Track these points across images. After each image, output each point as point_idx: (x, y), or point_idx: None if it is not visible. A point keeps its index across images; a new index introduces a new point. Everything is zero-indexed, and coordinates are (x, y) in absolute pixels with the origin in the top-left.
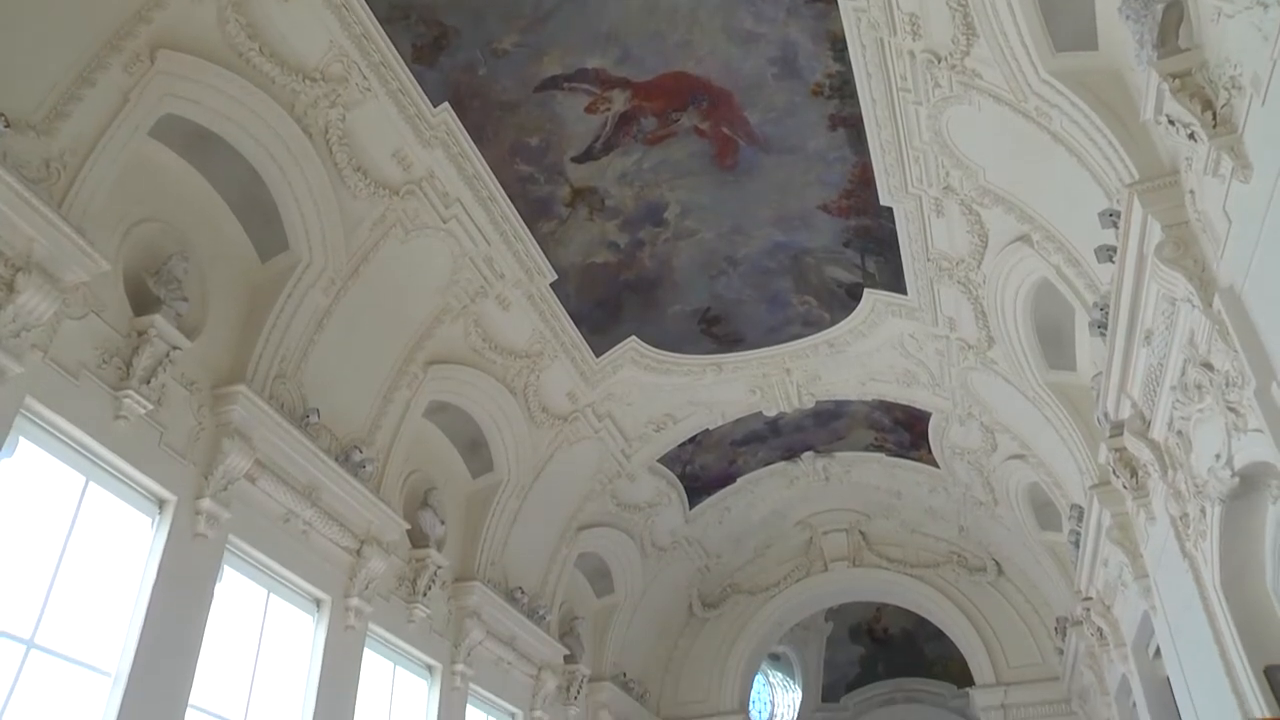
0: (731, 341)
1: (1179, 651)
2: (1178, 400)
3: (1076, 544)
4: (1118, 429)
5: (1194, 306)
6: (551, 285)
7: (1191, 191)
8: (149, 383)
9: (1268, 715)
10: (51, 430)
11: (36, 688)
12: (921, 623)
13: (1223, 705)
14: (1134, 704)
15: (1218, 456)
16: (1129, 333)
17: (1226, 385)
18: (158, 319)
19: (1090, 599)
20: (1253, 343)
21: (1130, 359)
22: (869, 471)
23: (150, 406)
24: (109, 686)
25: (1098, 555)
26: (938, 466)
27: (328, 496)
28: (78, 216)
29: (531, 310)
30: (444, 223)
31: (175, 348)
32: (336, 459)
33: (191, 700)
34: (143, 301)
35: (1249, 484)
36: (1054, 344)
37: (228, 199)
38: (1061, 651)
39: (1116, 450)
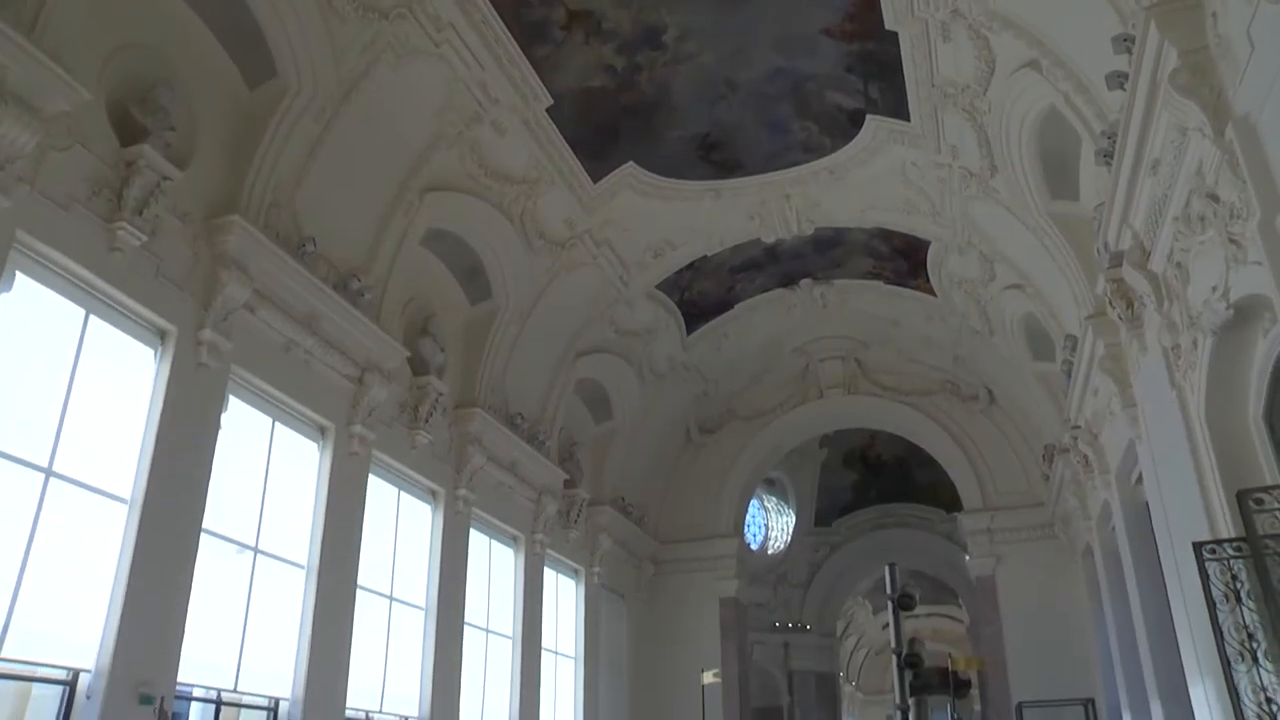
0: (731, 168)
1: (1159, 477)
2: (1179, 232)
3: (1068, 374)
4: (1117, 260)
5: (1205, 136)
6: (547, 110)
7: (1214, 14)
8: (141, 214)
9: (1234, 535)
10: (47, 264)
11: (59, 514)
12: (913, 449)
13: (1195, 527)
14: (1114, 528)
15: (1214, 289)
16: (1135, 163)
17: (1230, 217)
18: (145, 149)
19: (1078, 427)
20: (1262, 174)
21: (1135, 189)
22: (866, 299)
23: (144, 238)
24: (125, 512)
25: (1088, 385)
26: (935, 295)
27: (327, 325)
28: (52, 43)
29: (527, 136)
30: (436, 47)
31: (165, 178)
32: (335, 288)
33: (205, 525)
34: (129, 132)
35: (1243, 316)
36: (1058, 173)
37: (211, 24)
38: (1047, 478)
39: (1114, 281)
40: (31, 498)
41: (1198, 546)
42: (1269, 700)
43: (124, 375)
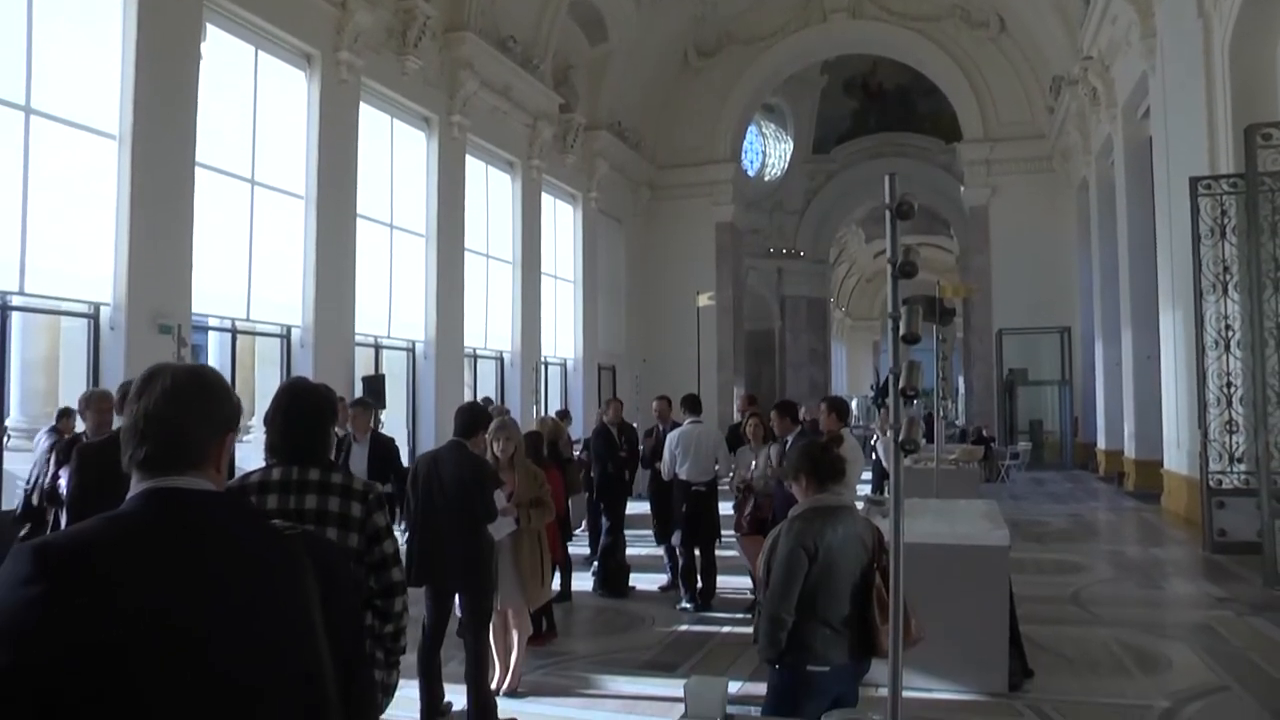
0: None
1: (1168, 111)
2: None
3: (1087, 0)
4: None
5: None
6: None
7: None
8: None
9: (1234, 171)
10: None
11: (47, 154)
12: (916, 77)
13: (1195, 162)
14: (1112, 162)
15: None
16: None
17: None
18: None
19: (1090, 58)
20: None
21: None
22: None
23: None
24: (116, 149)
25: (1107, 12)
26: None
27: None
28: None
29: None
30: None
31: None
32: None
33: (198, 159)
34: None
35: None
36: None
37: None
38: (1052, 110)
39: None
40: (16, 138)
41: (1194, 181)
42: (1228, 327)
43: (89, 5)
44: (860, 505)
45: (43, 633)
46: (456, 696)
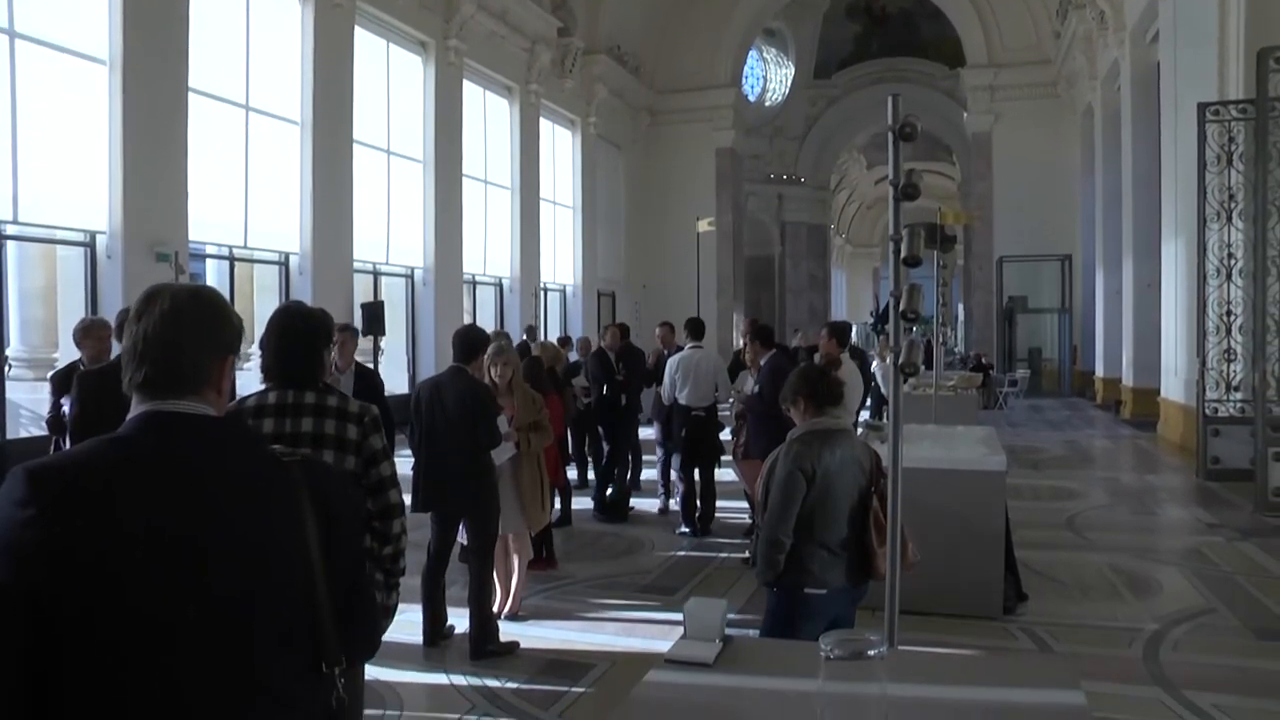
0: None
1: (1177, 35)
2: None
3: None
4: None
5: None
6: None
7: None
8: None
9: (1244, 96)
10: None
11: (37, 79)
12: (920, 1)
13: (1204, 88)
14: (1118, 88)
15: None
16: None
17: None
18: None
19: None
20: None
21: None
22: None
23: None
24: (107, 74)
25: None
26: None
27: None
28: None
29: None
30: None
31: None
32: None
33: (191, 84)
34: None
35: None
36: None
37: None
38: (1058, 35)
39: None
40: (1, 62)
41: (1202, 107)
42: (1230, 255)
43: None
44: (859, 430)
45: (39, 553)
46: (459, 620)
